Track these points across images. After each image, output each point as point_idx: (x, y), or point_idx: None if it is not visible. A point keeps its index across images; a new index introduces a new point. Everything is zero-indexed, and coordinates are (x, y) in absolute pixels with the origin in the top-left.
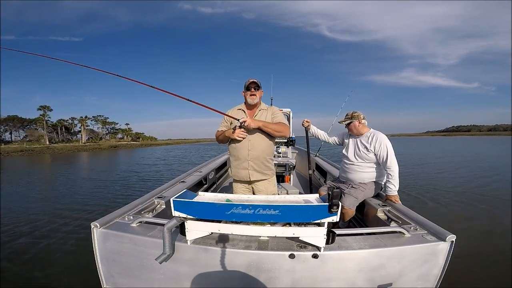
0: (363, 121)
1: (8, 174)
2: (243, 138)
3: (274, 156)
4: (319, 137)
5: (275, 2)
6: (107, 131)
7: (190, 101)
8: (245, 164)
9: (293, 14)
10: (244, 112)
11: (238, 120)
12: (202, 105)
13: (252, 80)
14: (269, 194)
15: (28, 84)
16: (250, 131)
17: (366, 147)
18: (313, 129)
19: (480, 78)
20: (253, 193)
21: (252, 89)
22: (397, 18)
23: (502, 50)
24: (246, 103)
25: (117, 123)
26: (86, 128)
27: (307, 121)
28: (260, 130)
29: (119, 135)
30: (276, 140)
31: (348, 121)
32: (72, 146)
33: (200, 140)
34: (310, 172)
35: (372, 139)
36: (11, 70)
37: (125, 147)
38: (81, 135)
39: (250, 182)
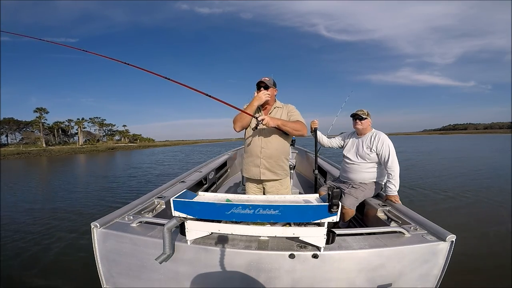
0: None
1: (8, 178)
2: (268, 97)
3: None
4: (323, 141)
5: (272, 2)
6: (104, 133)
7: (209, 96)
8: (257, 162)
9: (290, 14)
10: (259, 110)
11: (256, 117)
12: (220, 101)
13: (261, 79)
14: None
15: (23, 86)
16: (264, 128)
17: (368, 147)
18: (318, 134)
19: (476, 77)
20: (264, 194)
21: (262, 88)
22: (394, 17)
23: (498, 49)
24: None
25: (114, 125)
26: (83, 130)
27: (316, 123)
28: (276, 128)
29: (117, 137)
30: None
31: (365, 117)
32: (69, 148)
33: (198, 141)
34: (316, 172)
35: (374, 138)
36: (6, 71)
37: (122, 148)
38: (78, 137)
39: (260, 182)
